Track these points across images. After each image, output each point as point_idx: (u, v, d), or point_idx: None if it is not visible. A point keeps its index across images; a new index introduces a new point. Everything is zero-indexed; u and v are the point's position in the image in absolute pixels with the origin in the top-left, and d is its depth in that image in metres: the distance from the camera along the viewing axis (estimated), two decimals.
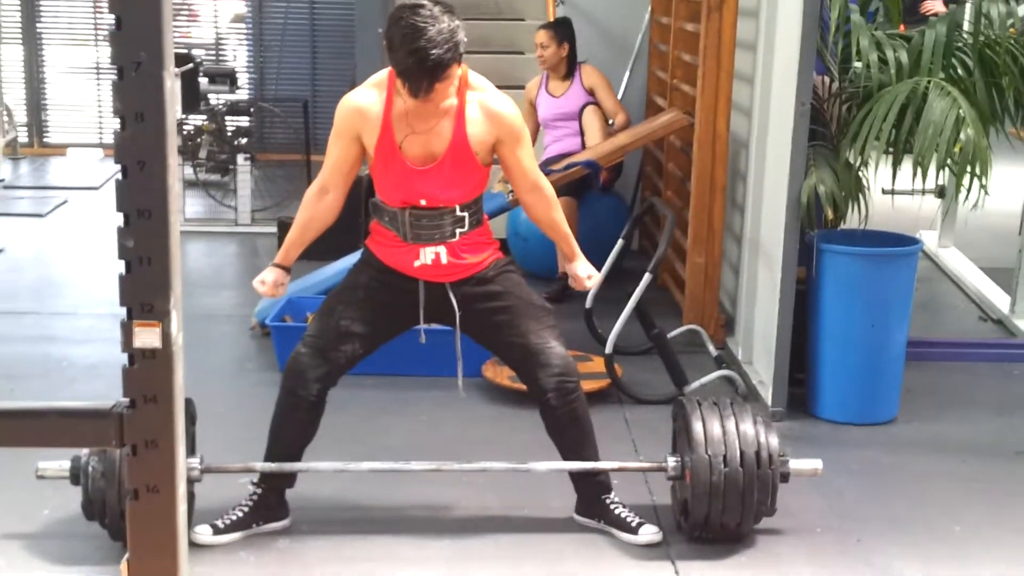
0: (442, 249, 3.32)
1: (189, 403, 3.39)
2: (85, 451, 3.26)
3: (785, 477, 3.38)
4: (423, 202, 3.28)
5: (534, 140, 6.13)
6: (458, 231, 3.31)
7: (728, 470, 3.28)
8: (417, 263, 3.33)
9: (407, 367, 4.58)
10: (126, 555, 1.57)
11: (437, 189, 3.26)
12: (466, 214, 3.30)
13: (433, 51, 3.03)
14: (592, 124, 6.09)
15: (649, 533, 3.44)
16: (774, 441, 3.35)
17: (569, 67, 6.18)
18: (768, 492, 3.33)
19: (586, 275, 3.50)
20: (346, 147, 3.30)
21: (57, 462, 3.32)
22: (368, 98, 3.27)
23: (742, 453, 3.29)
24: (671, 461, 3.46)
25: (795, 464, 3.42)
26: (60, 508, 3.53)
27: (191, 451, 3.41)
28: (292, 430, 3.42)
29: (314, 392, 3.37)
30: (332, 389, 3.42)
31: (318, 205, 3.36)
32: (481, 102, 3.26)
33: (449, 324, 3.42)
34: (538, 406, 3.45)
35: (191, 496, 3.43)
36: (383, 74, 3.27)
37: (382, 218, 3.35)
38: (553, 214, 3.45)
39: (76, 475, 3.27)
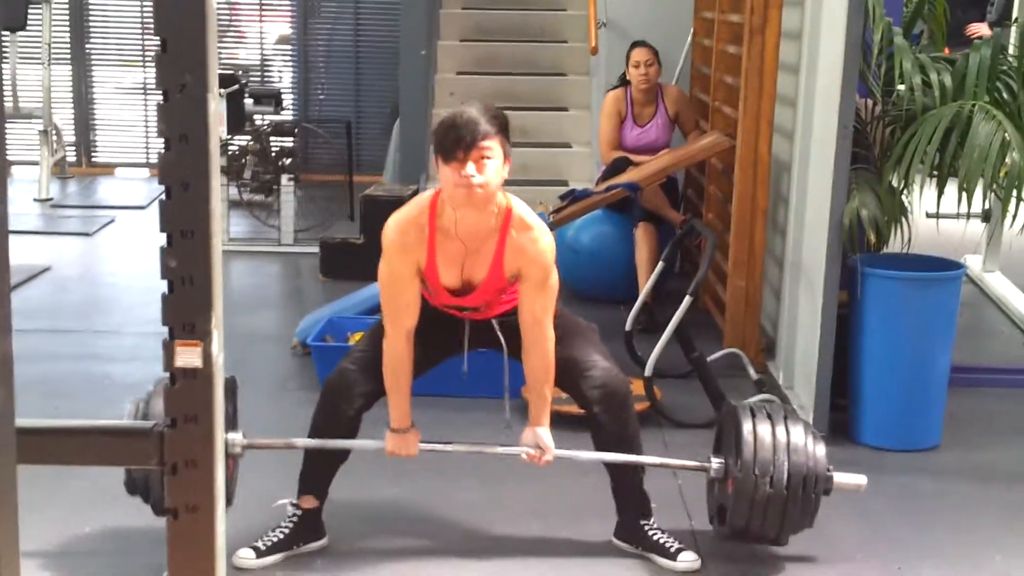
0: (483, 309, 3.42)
1: (231, 380, 3.43)
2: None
3: (828, 491, 3.34)
4: (462, 305, 3.37)
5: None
6: (501, 296, 3.37)
7: (773, 492, 3.23)
8: (465, 314, 3.42)
9: (447, 387, 4.58)
10: (164, 573, 1.58)
11: (473, 302, 3.35)
12: (503, 295, 3.36)
13: (481, 121, 3.11)
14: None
15: (688, 560, 3.42)
16: (822, 458, 3.29)
17: (658, 90, 6.19)
18: (811, 510, 3.30)
19: (534, 446, 3.40)
20: (413, 284, 3.27)
21: None
22: (414, 238, 3.24)
23: (789, 476, 3.24)
24: (714, 463, 3.41)
25: (839, 479, 3.37)
26: (101, 526, 3.56)
27: (232, 426, 3.43)
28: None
29: (356, 407, 3.39)
30: (369, 412, 3.44)
31: (409, 346, 3.30)
32: (519, 243, 3.23)
33: (495, 349, 3.44)
34: (588, 422, 3.46)
35: (231, 479, 3.45)
36: (424, 208, 3.24)
37: (426, 288, 3.38)
38: (548, 358, 3.31)
39: None
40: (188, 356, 1.47)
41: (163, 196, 1.48)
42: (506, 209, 3.23)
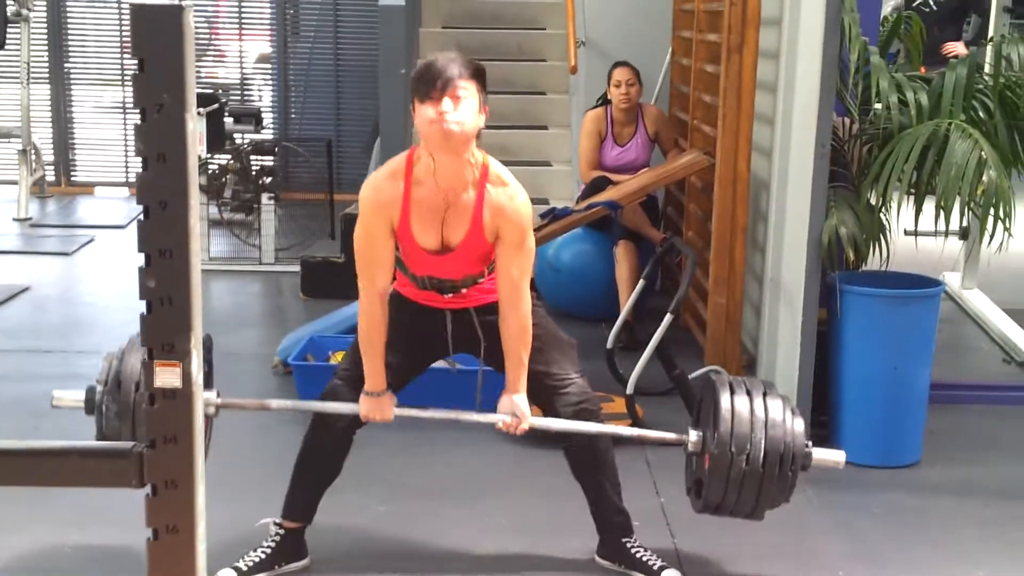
0: (465, 290, 3.36)
1: (207, 338, 3.37)
2: (100, 386, 3.24)
3: (806, 467, 3.29)
4: (441, 276, 3.33)
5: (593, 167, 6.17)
6: (479, 279, 3.34)
7: (749, 469, 3.18)
8: (446, 296, 3.38)
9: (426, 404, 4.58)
10: None
11: (454, 271, 3.31)
12: (484, 269, 3.33)
13: (458, 62, 3.14)
14: None
15: None
16: (800, 433, 3.24)
17: (638, 110, 6.22)
18: (788, 486, 3.25)
19: (509, 414, 3.34)
20: (388, 244, 3.25)
21: (72, 392, 3.32)
22: (389, 193, 3.22)
23: (766, 453, 3.18)
24: (692, 436, 3.36)
25: (818, 455, 3.30)
26: (82, 545, 3.53)
27: (207, 385, 3.39)
28: (320, 463, 3.44)
29: (346, 421, 3.38)
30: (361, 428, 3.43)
31: (383, 308, 3.28)
32: (497, 199, 3.21)
33: (475, 353, 3.44)
34: (560, 440, 3.45)
35: (208, 436, 3.42)
36: (400, 163, 3.24)
37: (404, 271, 3.37)
38: (525, 320, 3.27)
39: (91, 408, 3.24)
40: (167, 376, 1.47)
41: (141, 216, 1.48)
42: (483, 165, 3.21)
